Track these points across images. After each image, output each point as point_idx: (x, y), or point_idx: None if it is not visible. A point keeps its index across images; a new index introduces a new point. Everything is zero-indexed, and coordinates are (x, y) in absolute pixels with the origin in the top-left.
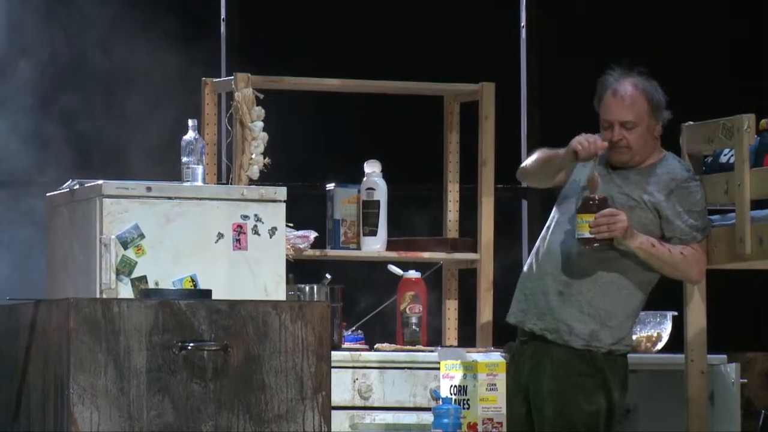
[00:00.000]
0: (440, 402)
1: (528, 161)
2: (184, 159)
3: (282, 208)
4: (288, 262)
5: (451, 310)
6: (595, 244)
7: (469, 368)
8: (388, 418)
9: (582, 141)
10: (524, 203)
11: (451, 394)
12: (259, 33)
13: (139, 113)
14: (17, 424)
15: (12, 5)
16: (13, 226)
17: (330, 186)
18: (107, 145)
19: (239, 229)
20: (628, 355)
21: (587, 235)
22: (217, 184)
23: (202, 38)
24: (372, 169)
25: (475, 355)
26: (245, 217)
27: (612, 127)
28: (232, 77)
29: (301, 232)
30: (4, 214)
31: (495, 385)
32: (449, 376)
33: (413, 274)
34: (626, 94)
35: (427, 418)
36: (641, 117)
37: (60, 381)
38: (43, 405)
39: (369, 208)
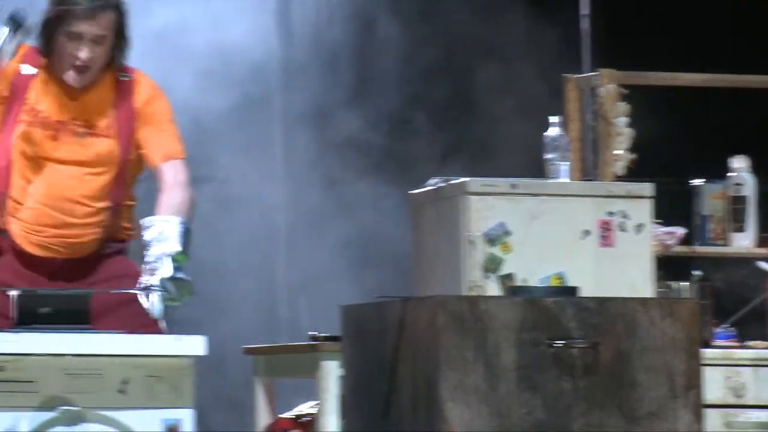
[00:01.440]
0: None
1: None
2: (549, 156)
3: (648, 204)
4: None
5: None
6: None
7: None
8: (763, 416)
9: None
10: None
11: None
12: (618, 28)
13: (496, 109)
14: (387, 422)
15: (371, 4)
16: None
17: (696, 182)
18: (467, 140)
19: (605, 226)
20: None
21: None
22: (582, 180)
23: (558, 33)
24: (740, 164)
25: None
26: (611, 213)
27: None
28: (595, 73)
29: (668, 229)
30: (365, 211)
31: None
32: None
33: None
34: None
35: None
36: None
37: (430, 379)
38: (413, 403)
39: (737, 204)
